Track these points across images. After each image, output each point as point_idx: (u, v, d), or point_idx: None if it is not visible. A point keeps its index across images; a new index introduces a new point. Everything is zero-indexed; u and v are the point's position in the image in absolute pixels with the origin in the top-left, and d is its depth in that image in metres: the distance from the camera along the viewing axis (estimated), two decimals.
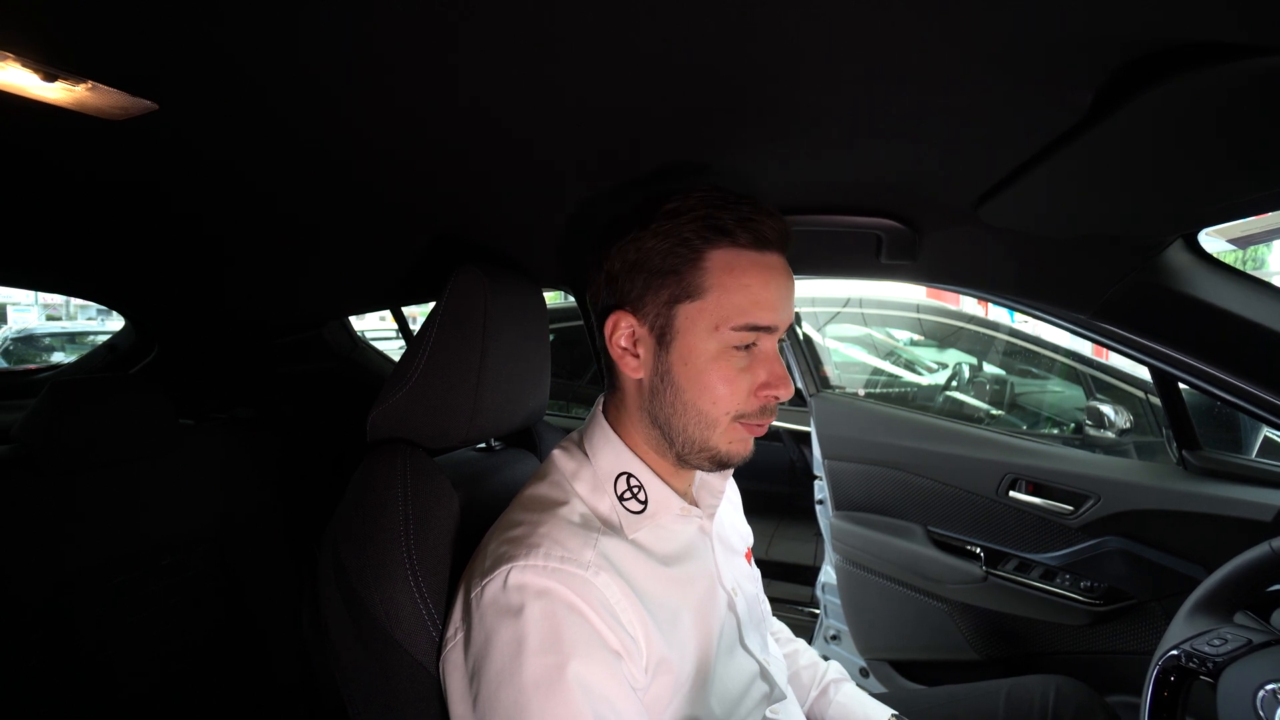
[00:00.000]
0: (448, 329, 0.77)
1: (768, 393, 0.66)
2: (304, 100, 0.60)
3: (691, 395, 0.66)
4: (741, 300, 0.64)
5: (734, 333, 0.64)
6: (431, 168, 0.78)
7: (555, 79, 0.54)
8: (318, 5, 0.44)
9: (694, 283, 0.65)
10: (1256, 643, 0.70)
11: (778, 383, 0.65)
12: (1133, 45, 0.43)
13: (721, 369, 0.65)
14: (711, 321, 0.64)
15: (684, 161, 0.75)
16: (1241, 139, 0.49)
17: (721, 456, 0.68)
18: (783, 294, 0.66)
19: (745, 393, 0.66)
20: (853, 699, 0.92)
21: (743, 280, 0.64)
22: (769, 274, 0.65)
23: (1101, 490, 1.30)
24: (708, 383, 0.65)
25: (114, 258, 1.21)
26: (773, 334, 0.66)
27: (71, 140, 0.68)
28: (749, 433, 0.68)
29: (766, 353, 0.67)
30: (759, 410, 0.67)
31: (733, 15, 0.44)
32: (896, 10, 0.42)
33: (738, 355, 0.65)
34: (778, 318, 0.65)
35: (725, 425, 0.67)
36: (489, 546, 0.65)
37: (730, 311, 0.64)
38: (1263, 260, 7.24)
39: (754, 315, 0.64)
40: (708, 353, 0.65)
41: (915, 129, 0.64)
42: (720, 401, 0.65)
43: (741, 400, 0.66)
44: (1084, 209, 0.72)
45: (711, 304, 0.64)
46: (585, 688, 0.55)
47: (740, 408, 0.66)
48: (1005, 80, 0.52)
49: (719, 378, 0.65)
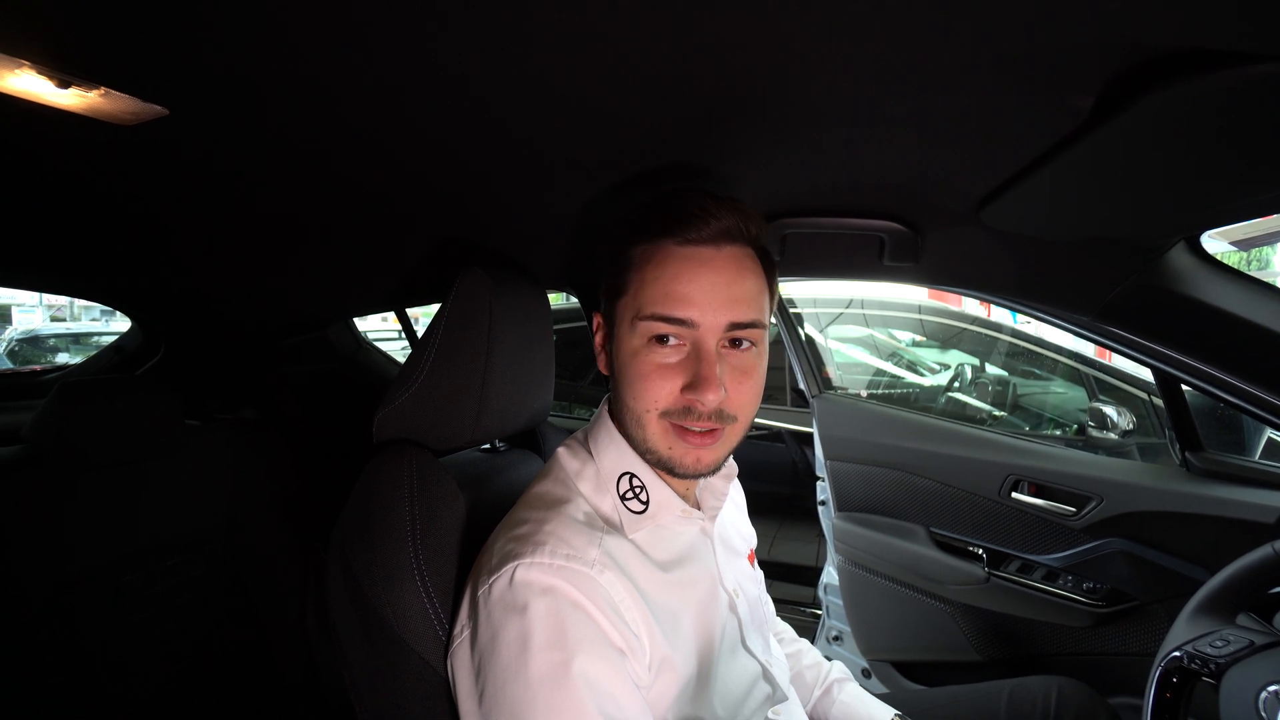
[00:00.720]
0: (453, 331, 0.77)
1: (690, 395, 0.62)
2: (311, 105, 0.61)
3: (623, 390, 0.67)
4: (654, 292, 0.63)
5: (644, 322, 0.63)
6: (435, 170, 0.79)
7: (559, 82, 0.55)
8: (324, 10, 0.44)
9: (622, 276, 0.66)
10: (1259, 644, 0.70)
11: (699, 384, 0.61)
12: (1134, 50, 0.43)
13: (642, 362, 0.64)
14: (631, 313, 0.65)
15: (685, 165, 0.76)
16: (1241, 143, 0.50)
17: (665, 461, 0.66)
18: (709, 288, 0.62)
19: (670, 390, 0.64)
20: (856, 699, 0.92)
21: (656, 271, 0.63)
22: (690, 266, 0.63)
23: (1104, 492, 1.30)
24: (630, 376, 0.65)
25: (122, 260, 1.22)
26: (692, 329, 0.63)
27: (82, 145, 0.69)
28: (684, 439, 0.65)
29: (698, 351, 0.63)
30: (682, 411, 0.64)
31: (734, 19, 0.44)
32: (898, 14, 0.43)
33: (660, 350, 0.64)
34: (696, 312, 0.62)
35: (653, 424, 0.65)
36: (496, 544, 0.66)
37: (644, 302, 0.64)
38: (1267, 260, 7.21)
39: (664, 306, 0.62)
40: (631, 346, 0.65)
41: (917, 132, 0.65)
42: (642, 397, 0.64)
43: (665, 399, 0.64)
44: (1085, 212, 0.73)
45: (631, 296, 0.65)
46: (590, 684, 0.56)
47: (664, 405, 0.64)
48: (1007, 84, 0.52)
49: (639, 372, 0.64)
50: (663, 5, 0.43)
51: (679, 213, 0.64)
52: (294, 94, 0.58)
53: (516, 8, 0.44)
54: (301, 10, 0.44)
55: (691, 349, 0.64)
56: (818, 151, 0.73)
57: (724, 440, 0.66)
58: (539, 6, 0.43)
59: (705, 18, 0.44)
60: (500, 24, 0.46)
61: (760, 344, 0.67)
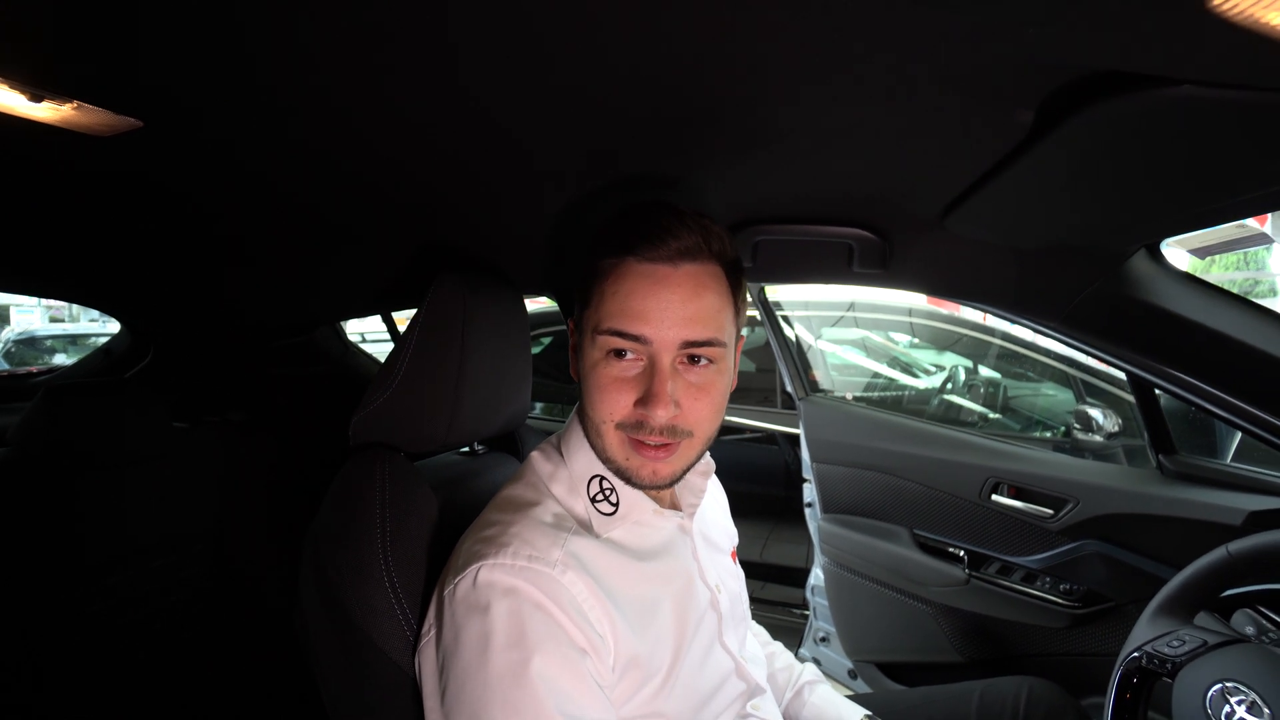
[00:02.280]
0: (427, 335, 0.79)
1: (639, 410, 0.64)
2: (287, 115, 0.62)
3: (585, 400, 0.69)
4: (612, 307, 0.65)
5: (601, 336, 0.65)
6: (416, 177, 0.80)
7: (536, 92, 0.56)
8: (298, 23, 0.46)
9: (587, 289, 0.68)
10: (1211, 643, 0.71)
11: (649, 400, 0.63)
12: (1063, 71, 0.45)
13: (598, 376, 0.66)
14: (592, 325, 0.67)
15: (656, 174, 0.78)
16: (1168, 159, 0.51)
17: (622, 471, 0.68)
18: (666, 305, 0.64)
19: (624, 405, 0.65)
20: (826, 700, 0.93)
21: (615, 286, 0.65)
22: (648, 285, 0.64)
23: (1080, 494, 1.32)
24: (588, 387, 0.67)
25: (108, 263, 1.23)
26: (646, 345, 0.64)
27: (62, 153, 0.71)
28: (640, 452, 0.66)
29: (654, 369, 0.64)
30: (634, 424, 0.65)
31: (701, 35, 0.46)
32: (842, 32, 0.45)
33: (617, 364, 0.65)
34: (650, 329, 0.63)
35: (610, 435, 0.67)
36: (463, 546, 0.67)
37: (602, 316, 0.65)
38: (1262, 262, 7.21)
39: (619, 322, 0.64)
40: (591, 358, 0.67)
41: (876, 144, 0.66)
42: (598, 408, 0.66)
43: (620, 411, 0.65)
44: (1041, 220, 0.74)
45: (593, 309, 0.67)
46: (549, 683, 0.57)
47: (619, 417, 0.66)
48: (955, 100, 0.54)
49: (596, 384, 0.66)
50: (636, 27, 0.45)
51: (641, 229, 0.65)
52: (269, 105, 0.60)
53: (494, 22, 0.45)
54: (277, 22, 0.46)
55: (647, 364, 0.65)
56: (785, 161, 0.74)
57: (679, 454, 0.67)
58: (515, 19, 0.45)
59: (675, 36, 0.46)
60: (479, 36, 0.47)
61: (720, 361, 0.67)
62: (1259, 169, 0.51)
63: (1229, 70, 0.37)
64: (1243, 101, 0.40)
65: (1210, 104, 0.40)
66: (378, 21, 0.45)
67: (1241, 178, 0.53)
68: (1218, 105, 0.41)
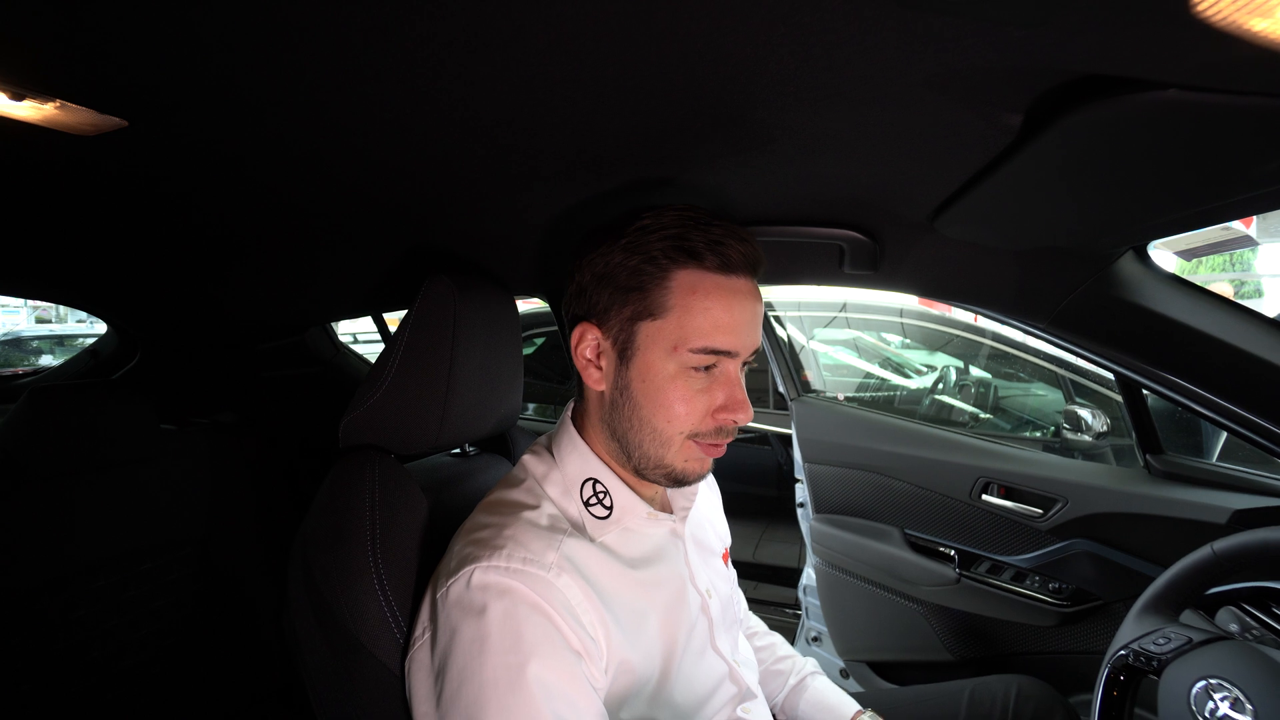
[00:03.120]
0: (417, 336, 0.79)
1: (725, 416, 0.66)
2: (275, 115, 0.61)
3: (648, 412, 0.67)
4: (702, 323, 0.64)
5: (692, 354, 0.65)
6: (406, 179, 0.80)
7: (529, 94, 0.56)
8: (286, 22, 0.45)
9: (657, 301, 0.65)
10: (1196, 641, 0.72)
11: (735, 407, 0.66)
12: (1049, 74, 0.45)
13: (679, 389, 0.66)
14: (670, 342, 0.65)
15: (649, 175, 0.78)
16: (1155, 161, 0.52)
17: (677, 474, 0.69)
18: (746, 318, 0.66)
19: (702, 413, 0.66)
20: (828, 688, 0.94)
21: (705, 303, 0.64)
22: (733, 298, 0.65)
23: (1069, 494, 1.33)
24: (664, 401, 0.66)
25: (94, 264, 1.22)
26: (734, 358, 0.66)
27: (46, 152, 0.70)
28: (705, 453, 0.68)
29: (728, 376, 0.67)
30: (714, 431, 0.67)
31: (690, 39, 0.46)
32: (837, 37, 0.45)
33: (696, 376, 0.66)
34: (739, 342, 0.65)
35: (680, 444, 0.67)
36: (455, 548, 0.67)
37: (690, 333, 0.64)
38: (1249, 264, 7.29)
39: (713, 339, 0.64)
40: (666, 372, 0.66)
41: (866, 147, 0.67)
42: (675, 421, 0.66)
43: (697, 420, 0.66)
44: (1030, 222, 0.75)
45: (672, 324, 0.65)
46: (544, 686, 0.57)
47: (695, 427, 0.67)
48: (944, 103, 0.54)
49: (676, 397, 0.66)
50: (627, 29, 0.45)
51: (719, 242, 0.65)
52: (258, 105, 0.59)
53: (485, 22, 0.45)
54: (264, 21, 0.45)
55: (719, 372, 0.67)
56: (775, 163, 0.74)
57: (725, 449, 0.70)
58: (506, 20, 0.44)
59: (661, 34, 0.46)
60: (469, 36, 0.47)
61: None
62: (1245, 172, 0.51)
63: (1213, 75, 0.38)
64: (1227, 105, 0.40)
65: (1195, 108, 0.41)
66: (367, 19, 0.45)
67: (1227, 181, 0.53)
68: (1203, 109, 0.41)
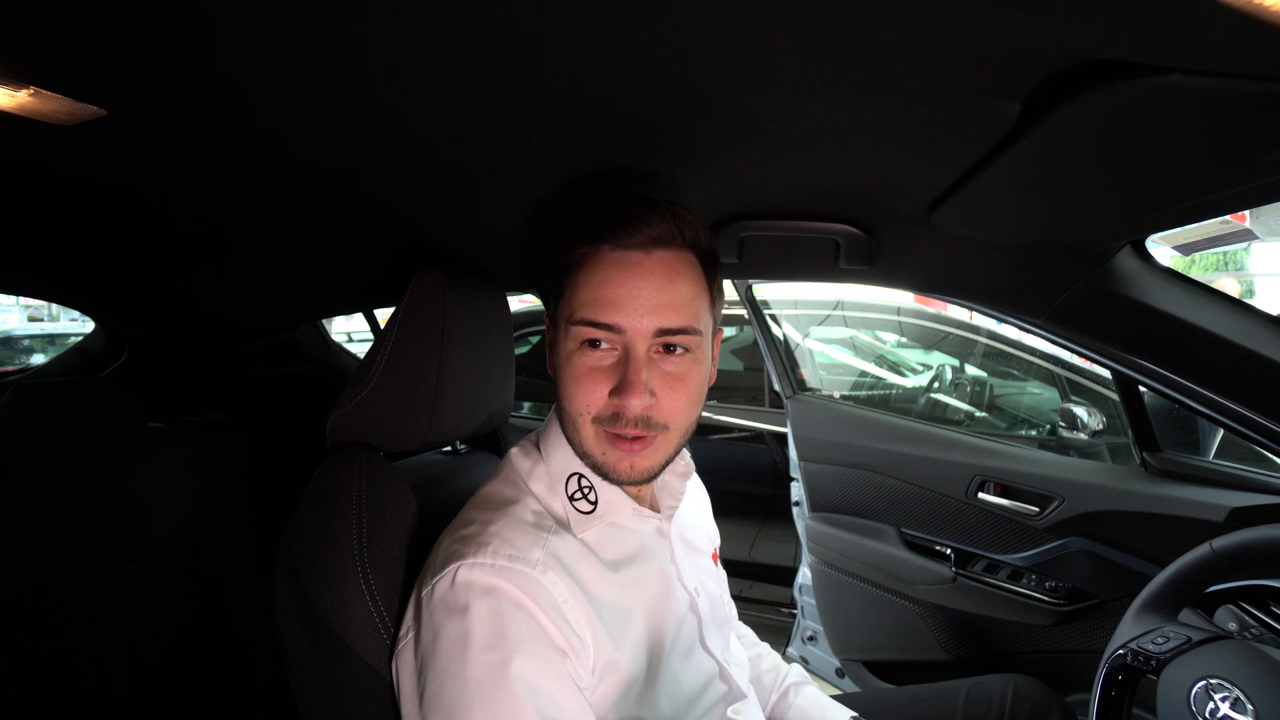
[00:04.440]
0: (406, 332, 0.77)
1: (615, 400, 0.63)
2: (260, 107, 0.60)
3: (560, 394, 0.67)
4: (585, 296, 0.64)
5: (575, 327, 0.64)
6: (395, 172, 0.79)
7: (518, 86, 0.55)
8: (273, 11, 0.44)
9: (561, 281, 0.67)
10: (1195, 640, 0.71)
11: (624, 388, 0.62)
12: (1048, 61, 0.44)
13: (574, 367, 0.65)
14: (565, 316, 0.66)
15: (640, 169, 0.76)
16: (1161, 150, 0.51)
17: (600, 466, 0.67)
18: (639, 293, 0.62)
19: (599, 396, 0.64)
20: (811, 702, 0.93)
21: (588, 276, 0.64)
22: (622, 272, 0.63)
23: (1065, 492, 1.33)
24: (564, 380, 0.66)
25: (79, 259, 1.20)
26: (620, 334, 0.63)
27: (26, 144, 0.68)
28: (617, 446, 0.65)
29: (628, 357, 0.63)
30: (611, 417, 0.64)
31: (682, 29, 0.45)
32: (824, 25, 0.44)
33: (592, 354, 0.64)
34: (624, 318, 0.62)
35: (587, 428, 0.66)
36: (441, 545, 0.66)
37: (575, 306, 0.64)
38: (1242, 262, 7.35)
39: (592, 311, 0.63)
40: (566, 350, 0.66)
41: (861, 139, 0.66)
42: (574, 399, 0.65)
43: (596, 404, 0.64)
44: (1028, 215, 0.74)
45: (566, 300, 0.66)
46: (528, 685, 0.56)
47: (595, 410, 0.65)
48: (940, 93, 0.53)
49: (570, 375, 0.65)
50: (615, 13, 0.44)
51: (612, 218, 0.64)
52: (242, 97, 0.58)
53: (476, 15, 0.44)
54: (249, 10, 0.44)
55: (622, 354, 0.64)
56: (769, 156, 0.73)
57: (656, 448, 0.66)
58: (497, 13, 0.43)
59: (653, 25, 0.45)
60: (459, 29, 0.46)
61: (696, 350, 0.66)
62: (1248, 160, 0.50)
63: (1219, 57, 0.37)
64: (1233, 90, 0.39)
65: (1199, 93, 0.40)
66: (355, 14, 0.44)
67: (1230, 169, 0.52)
68: (1207, 94, 0.40)
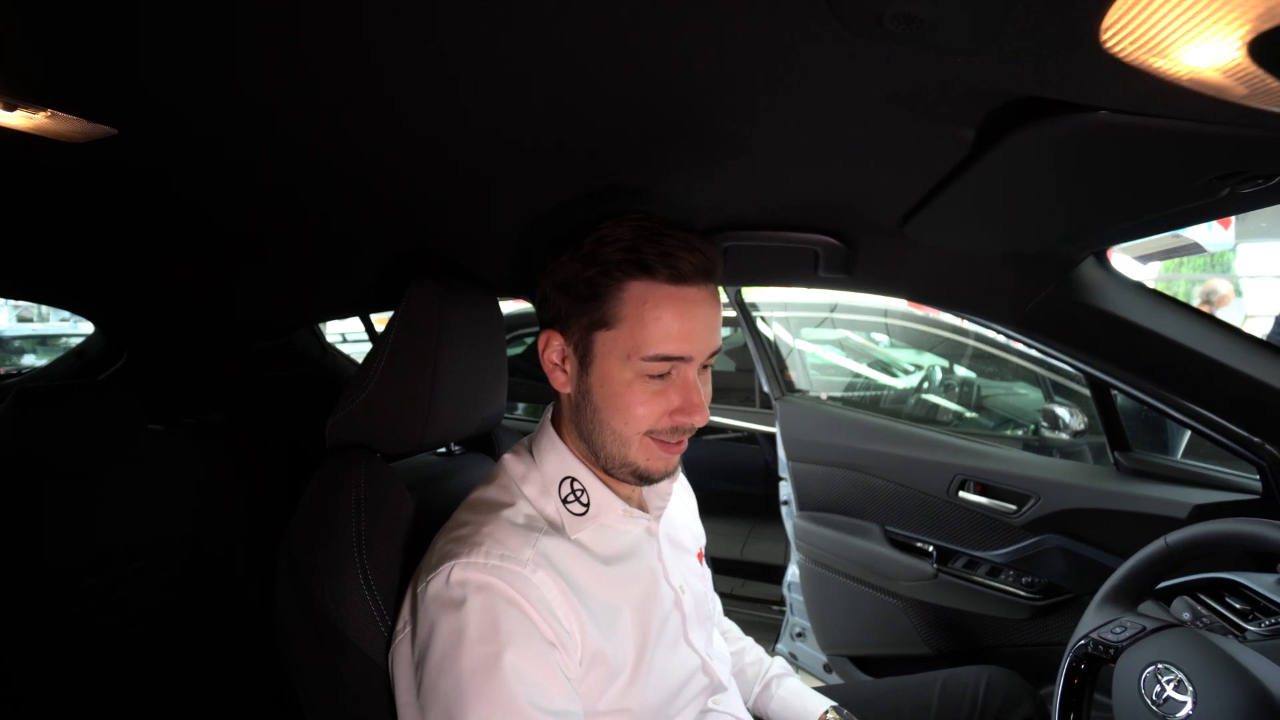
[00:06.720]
0: (402, 338, 0.80)
1: (681, 418, 0.69)
2: (267, 118, 0.63)
3: (607, 415, 0.70)
4: (653, 333, 0.67)
5: (645, 362, 0.68)
6: (391, 182, 0.81)
7: (519, 100, 0.58)
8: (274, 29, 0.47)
9: (611, 312, 0.68)
10: (1149, 629, 0.76)
11: (690, 410, 0.69)
12: (993, 96, 0.48)
13: (635, 393, 0.69)
14: (625, 350, 0.68)
15: (632, 181, 0.80)
16: (1093, 178, 0.55)
17: (641, 471, 0.72)
18: (699, 325, 0.68)
19: (659, 414, 0.69)
20: (793, 693, 0.96)
21: (655, 313, 0.67)
22: (684, 307, 0.68)
23: (1041, 490, 1.37)
24: (621, 405, 0.69)
25: (81, 264, 1.22)
26: (688, 363, 0.69)
27: (33, 161, 0.71)
28: (665, 451, 0.71)
29: (684, 379, 0.69)
30: (670, 430, 0.70)
31: (669, 54, 0.49)
32: (804, 57, 0.48)
33: (652, 381, 0.69)
34: (691, 348, 0.68)
35: (638, 442, 0.71)
36: (437, 545, 0.69)
37: (642, 343, 0.67)
38: (1229, 264, 7.43)
39: (664, 347, 0.67)
40: (623, 378, 0.69)
41: (836, 156, 0.69)
42: (633, 422, 0.69)
43: (654, 420, 0.69)
44: (990, 229, 0.78)
45: (625, 334, 0.68)
46: (520, 675, 0.59)
47: (653, 425, 0.70)
48: (904, 117, 0.57)
49: (633, 401, 0.69)
50: (607, 39, 0.47)
51: (662, 251, 0.67)
52: (250, 108, 0.60)
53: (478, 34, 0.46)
54: (259, 27, 0.46)
55: (678, 375, 0.70)
56: (751, 171, 0.77)
57: (685, 446, 0.73)
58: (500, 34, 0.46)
59: (643, 50, 0.48)
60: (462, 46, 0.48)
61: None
62: (1174, 187, 0.55)
63: (1133, 100, 0.41)
64: (1151, 127, 0.43)
65: (1123, 129, 0.44)
66: (363, 28, 0.46)
67: (1159, 195, 0.57)
68: (1130, 130, 0.44)
